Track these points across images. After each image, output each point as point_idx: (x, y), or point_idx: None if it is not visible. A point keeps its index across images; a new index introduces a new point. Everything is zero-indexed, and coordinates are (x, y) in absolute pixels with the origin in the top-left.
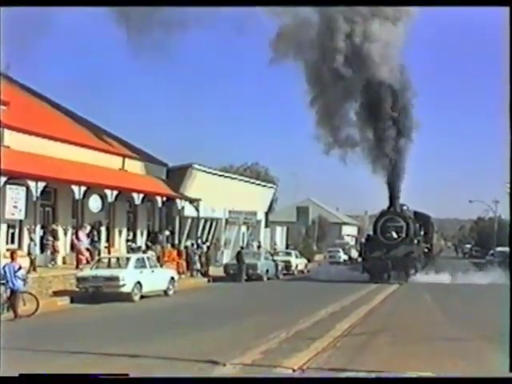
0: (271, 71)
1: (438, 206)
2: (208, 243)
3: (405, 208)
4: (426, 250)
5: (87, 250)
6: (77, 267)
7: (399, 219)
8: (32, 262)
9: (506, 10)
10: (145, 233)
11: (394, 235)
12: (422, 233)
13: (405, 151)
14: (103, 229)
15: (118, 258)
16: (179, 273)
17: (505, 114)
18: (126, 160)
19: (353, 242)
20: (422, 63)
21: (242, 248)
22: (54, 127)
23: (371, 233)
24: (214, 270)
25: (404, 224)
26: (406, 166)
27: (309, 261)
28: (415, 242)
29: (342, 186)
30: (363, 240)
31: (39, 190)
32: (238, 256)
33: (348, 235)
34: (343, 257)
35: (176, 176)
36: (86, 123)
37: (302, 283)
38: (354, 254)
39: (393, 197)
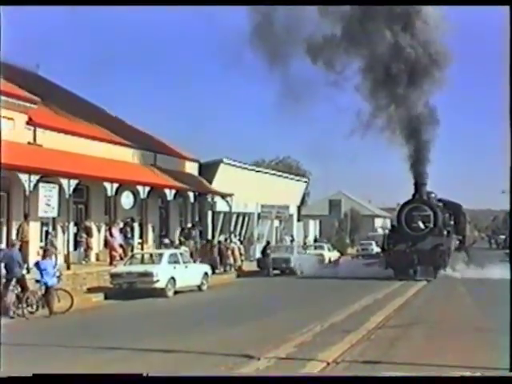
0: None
1: (470, 196)
2: (240, 238)
3: (432, 196)
4: (457, 242)
5: (120, 246)
6: (110, 264)
7: (426, 208)
8: (52, 255)
9: (505, 9)
10: (177, 228)
11: (421, 225)
12: (452, 223)
13: (431, 131)
14: (136, 225)
15: (151, 254)
16: (212, 268)
17: (506, 115)
18: (158, 156)
19: None
20: None
21: (269, 243)
22: (85, 125)
23: (395, 223)
24: (247, 265)
25: (431, 213)
26: (432, 148)
27: (342, 254)
28: (444, 232)
29: (374, 179)
30: (386, 231)
31: (72, 188)
32: (264, 250)
33: (381, 227)
34: (376, 249)
35: (208, 171)
36: (117, 120)
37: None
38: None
39: (418, 183)
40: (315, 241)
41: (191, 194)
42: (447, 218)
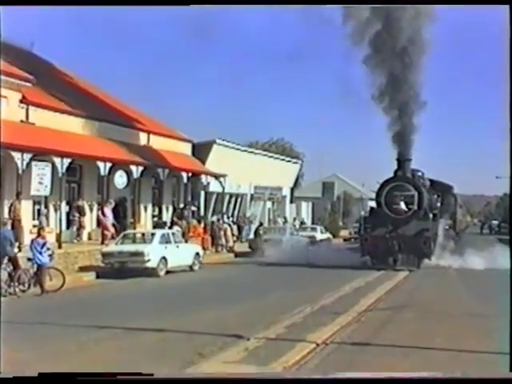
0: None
1: (464, 182)
2: (233, 218)
3: (419, 174)
4: (447, 227)
5: (113, 225)
6: (102, 243)
7: (409, 187)
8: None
9: (505, 9)
10: (170, 208)
11: (403, 207)
12: (440, 205)
13: (417, 99)
14: (129, 205)
15: (143, 234)
16: (204, 248)
17: (505, 117)
18: (151, 136)
19: None
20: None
21: (261, 224)
22: (78, 103)
23: (375, 205)
24: (239, 246)
25: (416, 193)
26: (419, 117)
27: (334, 236)
28: (430, 216)
29: (368, 162)
30: (363, 213)
31: (65, 167)
32: (256, 232)
33: None
34: None
35: (201, 152)
36: (111, 99)
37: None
38: None
39: (401, 158)
40: (301, 223)
41: (184, 175)
42: (435, 199)
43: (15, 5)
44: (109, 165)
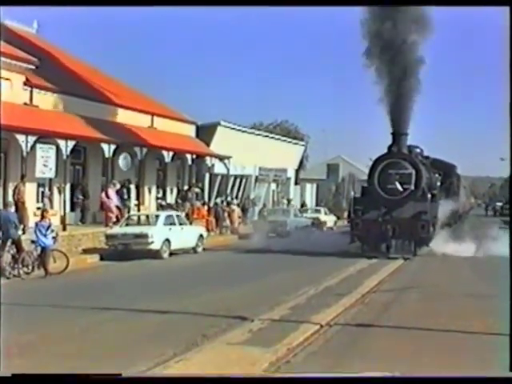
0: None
1: (469, 163)
2: (237, 200)
3: (417, 151)
4: (449, 209)
5: (117, 207)
6: (106, 225)
7: (406, 164)
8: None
9: (505, 9)
10: (174, 190)
11: (399, 187)
12: (440, 184)
13: (415, 67)
14: (133, 187)
15: (147, 216)
16: (208, 230)
17: (505, 116)
18: (155, 118)
19: None
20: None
21: (265, 205)
22: (83, 86)
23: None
24: (243, 228)
25: (413, 171)
26: (417, 87)
27: (338, 218)
28: (429, 196)
29: (373, 144)
30: (353, 193)
31: (69, 149)
32: (260, 213)
33: None
34: None
35: (206, 133)
36: (115, 81)
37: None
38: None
39: (397, 132)
40: (302, 205)
41: (189, 156)
42: (435, 178)
43: (15, 5)
44: (113, 147)
